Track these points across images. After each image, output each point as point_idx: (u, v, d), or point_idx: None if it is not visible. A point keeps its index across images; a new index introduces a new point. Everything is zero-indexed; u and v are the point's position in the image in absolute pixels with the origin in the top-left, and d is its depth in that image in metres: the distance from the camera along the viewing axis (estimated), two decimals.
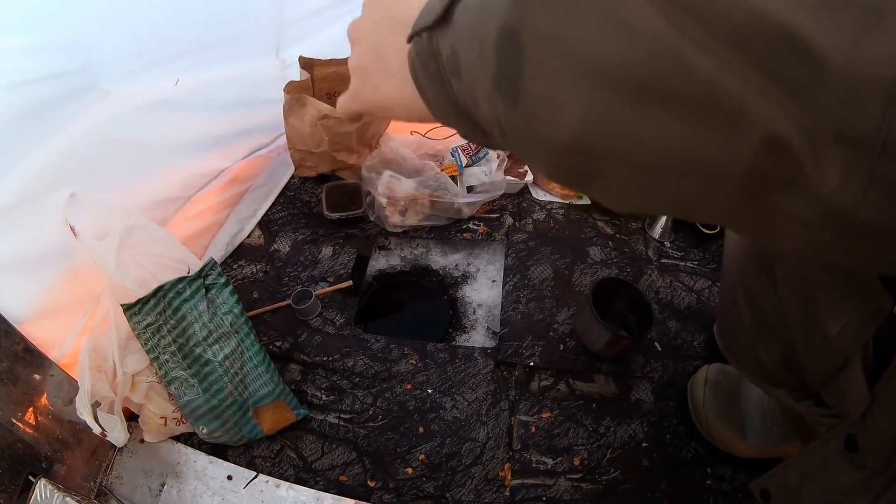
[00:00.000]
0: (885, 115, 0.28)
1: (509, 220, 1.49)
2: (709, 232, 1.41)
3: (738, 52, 0.29)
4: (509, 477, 1.06)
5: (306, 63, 1.40)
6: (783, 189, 0.32)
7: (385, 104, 0.48)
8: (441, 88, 0.41)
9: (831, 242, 0.34)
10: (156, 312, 1.02)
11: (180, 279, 1.05)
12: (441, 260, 1.45)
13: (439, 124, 0.47)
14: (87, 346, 0.98)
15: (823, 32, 0.28)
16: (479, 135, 0.43)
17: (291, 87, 1.37)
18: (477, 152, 1.52)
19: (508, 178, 1.50)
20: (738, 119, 0.30)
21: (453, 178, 1.48)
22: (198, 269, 1.09)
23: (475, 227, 1.47)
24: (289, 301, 1.26)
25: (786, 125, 0.29)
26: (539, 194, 1.56)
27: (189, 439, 1.09)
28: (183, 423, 1.06)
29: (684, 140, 0.32)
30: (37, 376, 0.94)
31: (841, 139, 0.29)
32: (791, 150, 0.30)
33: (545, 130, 0.36)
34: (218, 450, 1.08)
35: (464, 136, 0.46)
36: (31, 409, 0.91)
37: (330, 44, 1.44)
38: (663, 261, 1.41)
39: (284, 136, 1.48)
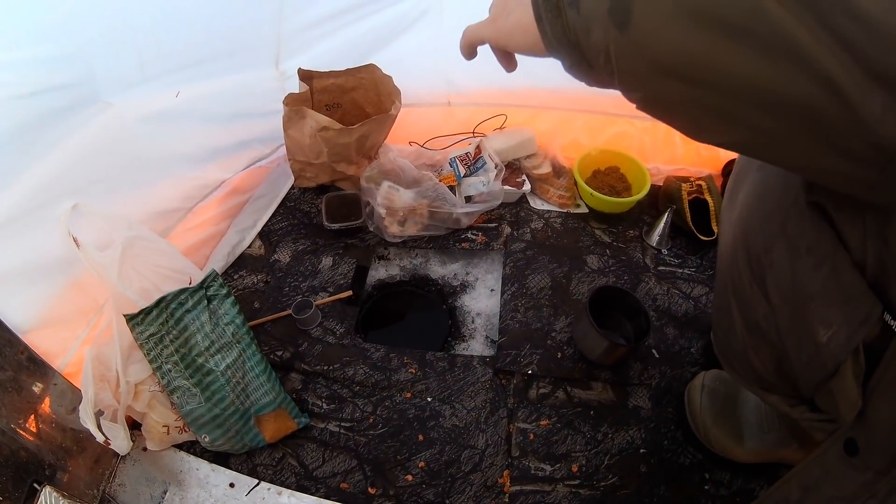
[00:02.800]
0: None
1: (507, 230, 1.50)
2: (706, 239, 1.42)
3: (805, 8, 0.37)
4: (508, 484, 1.06)
5: (305, 75, 1.42)
6: (836, 126, 0.40)
7: (510, 31, 0.57)
8: (557, 19, 0.49)
9: (878, 179, 0.43)
10: (158, 323, 1.03)
11: (182, 290, 1.06)
12: (440, 269, 1.46)
13: (547, 55, 0.55)
14: (91, 355, 0.99)
15: None
16: (583, 66, 0.51)
17: (291, 100, 1.39)
18: (475, 162, 1.54)
19: (506, 187, 1.52)
20: (800, 58, 0.39)
21: (451, 188, 1.49)
22: (199, 280, 1.10)
23: (473, 237, 1.48)
24: (289, 311, 1.27)
25: (836, 68, 0.38)
26: (537, 203, 1.58)
27: (191, 447, 1.10)
28: (185, 431, 1.07)
29: (759, 71, 0.41)
30: (40, 385, 0.95)
31: (880, 79, 0.37)
32: (840, 89, 0.38)
33: (650, 54, 0.44)
34: (220, 458, 1.09)
35: (568, 69, 0.54)
36: (34, 417, 0.92)
37: (329, 56, 1.46)
38: (661, 268, 1.43)
39: (284, 147, 1.49)
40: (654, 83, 0.47)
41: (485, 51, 0.66)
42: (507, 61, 0.66)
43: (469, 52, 0.67)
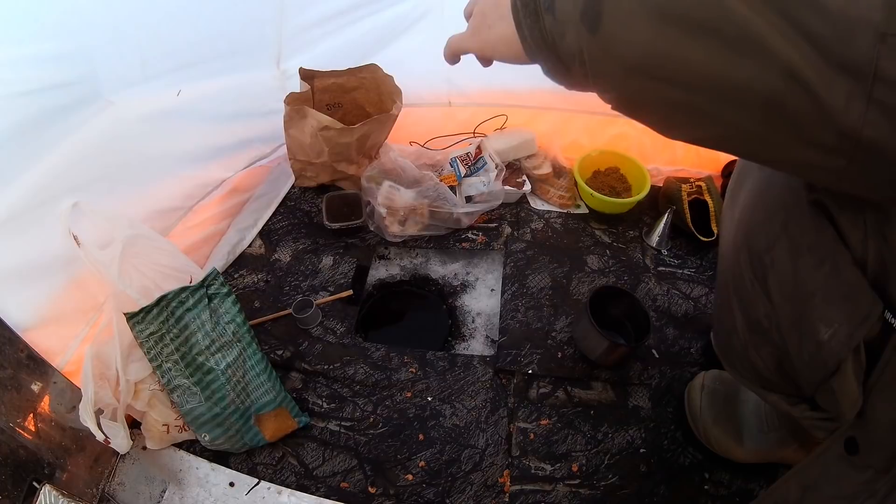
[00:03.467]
0: (875, 49, 0.37)
1: (508, 230, 1.50)
2: (705, 239, 1.43)
3: (766, 2, 0.39)
4: (508, 483, 1.06)
5: (307, 74, 1.42)
6: (803, 117, 0.42)
7: (494, 42, 0.60)
8: (535, 24, 0.51)
9: (847, 168, 0.44)
10: (159, 321, 1.03)
11: (183, 289, 1.06)
12: (440, 269, 1.46)
13: (529, 62, 0.57)
14: (90, 353, 0.99)
15: None
16: (561, 69, 0.53)
17: (292, 99, 1.39)
18: (475, 162, 1.54)
19: (507, 187, 1.52)
20: (764, 52, 0.40)
21: (452, 188, 1.49)
22: (200, 278, 1.10)
23: (474, 237, 1.48)
24: (290, 310, 1.27)
25: (799, 60, 0.39)
26: (537, 204, 1.58)
27: (191, 446, 1.09)
28: (185, 430, 1.07)
29: (724, 66, 0.42)
30: (40, 383, 0.95)
31: (843, 69, 0.38)
32: (804, 79, 0.40)
33: (619, 53, 0.46)
34: (220, 457, 1.08)
35: (547, 73, 0.56)
36: (34, 415, 0.92)
37: (330, 55, 1.46)
38: (661, 269, 1.43)
39: (285, 146, 1.49)
40: (624, 83, 0.49)
41: None
42: (487, 62, 0.68)
43: (453, 61, 0.70)
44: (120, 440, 0.99)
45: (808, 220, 0.63)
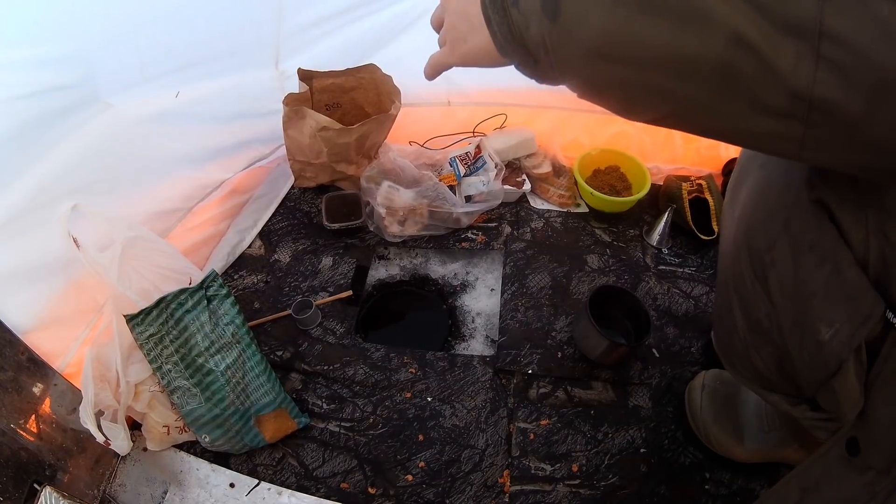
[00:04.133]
0: (819, 7, 0.38)
1: (507, 229, 1.50)
2: (706, 238, 1.42)
3: None
4: (508, 483, 1.06)
5: (305, 75, 1.42)
6: (755, 82, 0.42)
7: (473, 53, 0.62)
8: (504, 19, 0.54)
9: (805, 133, 0.44)
10: (158, 323, 1.03)
11: (182, 290, 1.06)
12: (440, 269, 1.46)
13: (506, 63, 0.59)
14: (91, 355, 0.99)
15: None
16: (530, 61, 0.55)
17: (290, 100, 1.39)
18: (475, 162, 1.54)
19: (506, 187, 1.52)
20: (709, 21, 0.41)
21: (451, 187, 1.49)
22: (199, 280, 1.10)
23: (473, 237, 1.48)
24: (289, 311, 1.27)
25: (744, 24, 0.40)
26: (537, 203, 1.58)
27: (192, 447, 1.10)
28: (185, 431, 1.07)
29: (674, 39, 0.43)
30: (40, 385, 0.95)
31: (787, 29, 0.39)
32: (751, 43, 0.40)
33: (578, 38, 0.48)
34: (220, 458, 1.09)
35: (519, 67, 0.58)
36: (35, 417, 0.92)
37: (328, 55, 1.46)
38: (661, 267, 1.43)
39: (284, 147, 1.49)
40: (584, 67, 0.51)
41: None
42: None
43: (434, 77, 0.73)
44: (120, 442, 1.00)
45: (809, 219, 0.62)
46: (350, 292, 1.34)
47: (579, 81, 0.54)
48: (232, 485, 1.06)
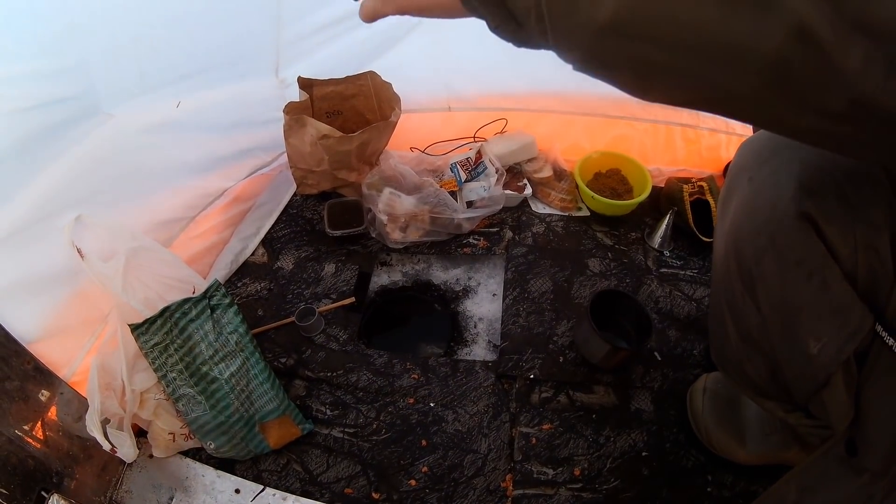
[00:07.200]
0: None
1: (509, 234, 1.51)
2: (708, 240, 1.42)
3: None
4: (511, 488, 1.07)
5: (305, 83, 1.43)
6: (811, 81, 0.36)
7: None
8: None
9: (853, 135, 0.39)
10: (163, 332, 1.04)
11: (186, 300, 1.07)
12: (442, 275, 1.47)
13: (465, 16, 0.48)
14: (96, 364, 1.00)
15: None
16: (511, 25, 0.45)
17: (291, 108, 1.40)
18: (476, 167, 1.54)
19: (507, 192, 1.52)
20: (771, 7, 0.34)
21: (453, 193, 1.50)
22: (203, 289, 1.11)
23: (475, 242, 1.49)
24: (293, 318, 1.28)
25: (812, 15, 0.33)
26: (538, 207, 1.58)
27: (197, 454, 1.11)
28: (191, 438, 1.08)
29: (718, 21, 0.35)
30: (47, 394, 0.96)
31: (861, 28, 0.33)
32: (818, 38, 0.33)
33: (586, 11, 0.39)
34: (225, 464, 1.09)
35: (493, 29, 0.47)
36: (41, 425, 0.93)
37: (328, 63, 1.47)
38: (663, 270, 1.43)
39: (285, 154, 1.50)
40: (592, 42, 0.41)
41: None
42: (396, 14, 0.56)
43: (371, 21, 0.56)
44: (126, 449, 1.00)
45: (796, 234, 0.62)
46: (353, 299, 1.35)
47: (581, 55, 0.44)
48: (237, 490, 1.07)
